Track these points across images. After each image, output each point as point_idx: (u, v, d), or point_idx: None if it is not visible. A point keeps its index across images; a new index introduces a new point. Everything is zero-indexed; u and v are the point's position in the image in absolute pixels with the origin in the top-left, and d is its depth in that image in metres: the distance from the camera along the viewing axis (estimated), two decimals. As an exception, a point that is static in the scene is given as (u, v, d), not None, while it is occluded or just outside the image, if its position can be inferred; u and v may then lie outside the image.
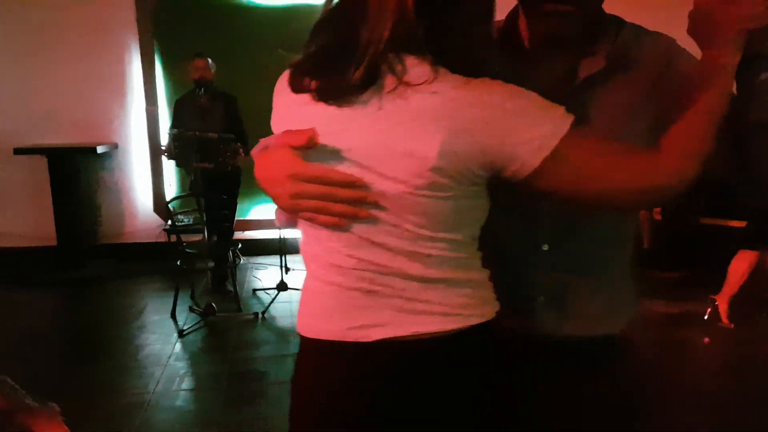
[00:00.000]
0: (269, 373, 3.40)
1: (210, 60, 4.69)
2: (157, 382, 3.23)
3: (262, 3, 5.67)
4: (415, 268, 0.95)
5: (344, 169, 0.92)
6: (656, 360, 3.50)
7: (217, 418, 2.92)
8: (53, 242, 5.28)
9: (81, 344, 3.89)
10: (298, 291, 4.51)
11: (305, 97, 0.96)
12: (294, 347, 3.65)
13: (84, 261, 5.32)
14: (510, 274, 1.08)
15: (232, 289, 4.55)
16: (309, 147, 0.92)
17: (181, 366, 3.49)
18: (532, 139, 0.87)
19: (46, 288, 4.97)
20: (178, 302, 4.31)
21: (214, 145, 4.21)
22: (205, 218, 4.27)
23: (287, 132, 0.96)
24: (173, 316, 4.24)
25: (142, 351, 3.70)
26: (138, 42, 5.43)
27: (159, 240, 5.54)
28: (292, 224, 1.06)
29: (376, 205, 0.92)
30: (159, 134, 5.54)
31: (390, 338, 0.96)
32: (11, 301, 4.72)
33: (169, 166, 5.51)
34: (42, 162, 5.18)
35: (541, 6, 1.01)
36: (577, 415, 1.12)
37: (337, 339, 0.99)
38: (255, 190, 5.40)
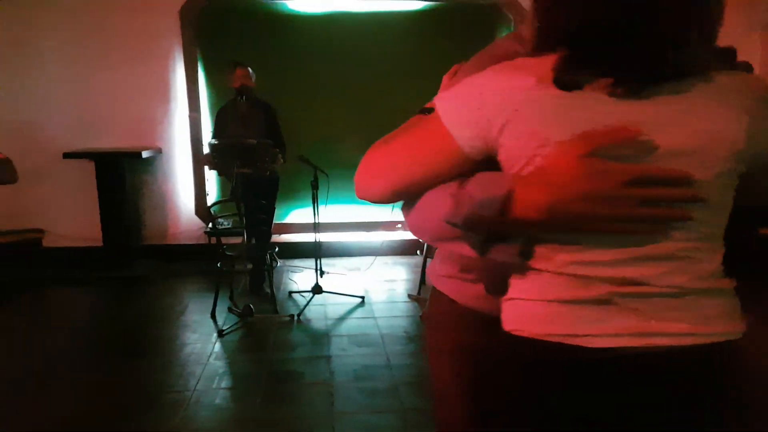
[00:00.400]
0: (304, 374, 3.48)
1: (250, 69, 4.83)
2: (198, 381, 3.36)
3: (302, 11, 5.79)
4: (679, 280, 0.90)
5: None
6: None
7: (253, 416, 3.01)
8: (100, 243, 5.49)
9: (126, 341, 4.04)
10: (331, 294, 4.64)
11: (574, 94, 0.87)
12: (327, 349, 3.76)
13: (130, 261, 5.51)
14: None
15: (269, 291, 4.68)
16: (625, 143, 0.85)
17: (220, 365, 3.61)
18: None
19: (92, 287, 5.18)
20: (218, 303, 4.46)
21: (253, 151, 4.33)
22: (244, 222, 4.39)
23: (588, 133, 0.85)
24: (213, 316, 4.38)
25: (184, 350, 3.83)
26: (182, 50, 5.60)
27: (200, 242, 5.72)
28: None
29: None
30: (201, 140, 5.71)
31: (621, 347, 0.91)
32: (60, 299, 4.95)
33: (210, 171, 5.68)
34: (90, 166, 5.38)
35: None
36: None
37: (557, 341, 0.93)
38: (293, 194, 5.57)
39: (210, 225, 4.80)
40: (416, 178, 1.01)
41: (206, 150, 4.85)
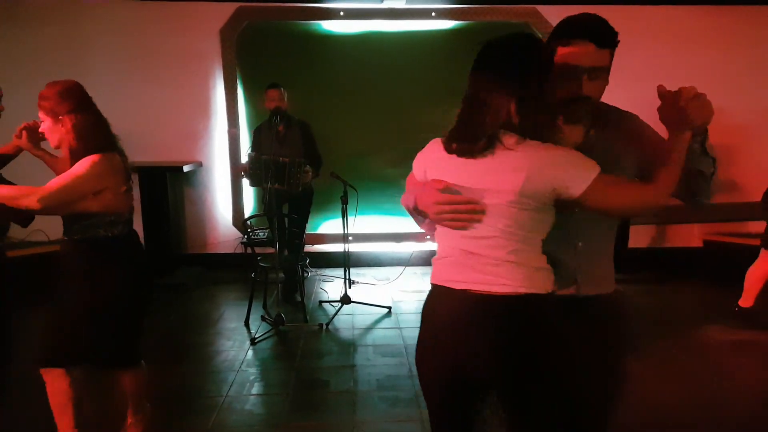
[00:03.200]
0: (330, 382, 3.66)
1: (282, 89, 5.02)
2: (230, 387, 3.57)
3: (337, 31, 6.01)
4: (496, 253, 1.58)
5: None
6: None
7: (281, 423, 3.19)
8: (143, 251, 5.76)
9: (165, 347, 4.27)
10: (359, 304, 4.81)
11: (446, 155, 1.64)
12: (352, 359, 3.94)
13: (171, 269, 5.78)
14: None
15: (300, 300, 4.89)
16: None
17: (251, 372, 3.82)
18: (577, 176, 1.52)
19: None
20: (252, 311, 4.68)
21: (286, 169, 4.53)
22: (277, 235, 4.60)
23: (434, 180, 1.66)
24: (247, 324, 4.61)
25: (219, 356, 4.07)
26: (222, 69, 5.87)
27: (238, 251, 5.98)
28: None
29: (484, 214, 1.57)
30: (239, 154, 5.97)
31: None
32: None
33: (247, 183, 5.93)
34: (134, 178, 5.63)
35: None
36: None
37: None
38: (325, 206, 5.80)
39: (245, 236, 5.04)
40: None
41: (244, 159, 5.09)
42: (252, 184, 4.78)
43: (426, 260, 6.18)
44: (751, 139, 6.06)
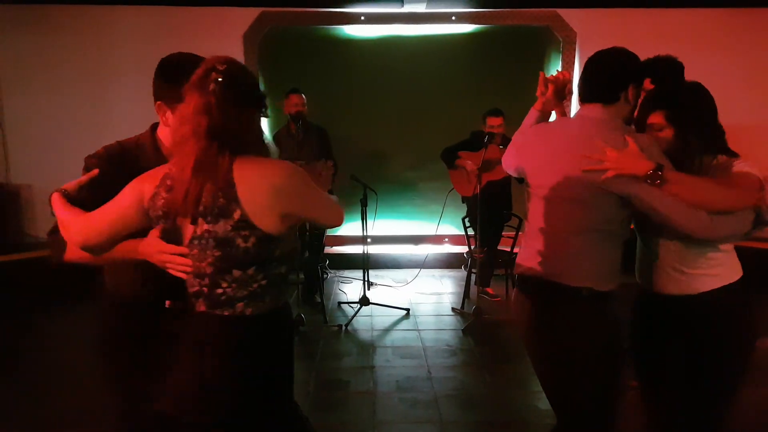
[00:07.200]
0: (350, 383, 3.70)
1: (303, 95, 5.07)
2: (252, 386, 3.62)
3: (358, 35, 6.07)
4: None
5: None
6: None
7: (302, 422, 3.25)
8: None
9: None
10: (378, 306, 4.80)
11: None
12: (372, 360, 3.97)
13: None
14: None
15: (320, 301, 4.94)
16: None
17: (273, 372, 3.86)
18: None
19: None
20: (273, 312, 4.73)
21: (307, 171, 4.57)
22: (297, 236, 4.64)
23: None
24: (267, 324, 4.65)
25: (240, 356, 4.11)
26: (244, 73, 5.93)
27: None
28: None
29: None
30: (260, 157, 6.02)
31: None
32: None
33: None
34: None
35: None
36: None
37: None
38: (345, 209, 5.81)
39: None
40: None
41: None
42: None
43: (442, 263, 6.22)
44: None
